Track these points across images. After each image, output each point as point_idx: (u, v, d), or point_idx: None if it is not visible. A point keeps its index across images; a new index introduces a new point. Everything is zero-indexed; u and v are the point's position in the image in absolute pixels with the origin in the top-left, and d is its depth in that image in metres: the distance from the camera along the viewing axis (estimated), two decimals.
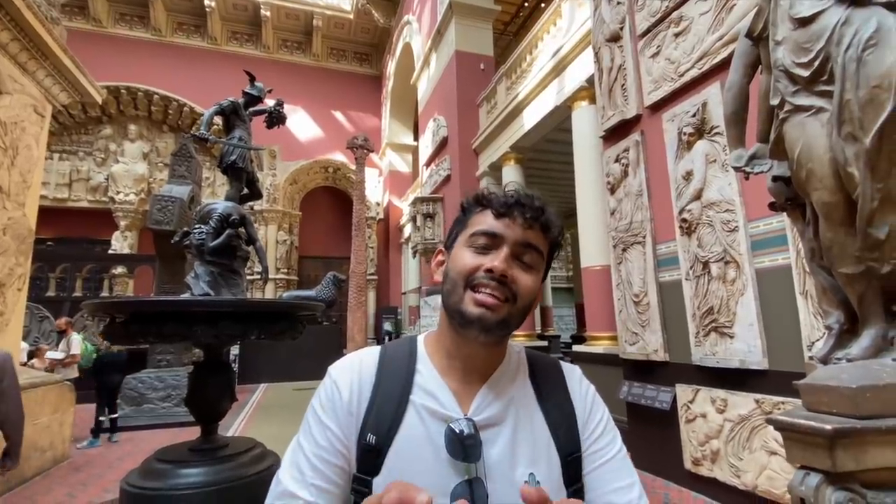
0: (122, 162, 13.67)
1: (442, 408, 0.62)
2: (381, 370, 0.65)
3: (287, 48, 16.79)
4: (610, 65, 4.58)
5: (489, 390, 0.65)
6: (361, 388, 0.64)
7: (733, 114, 1.59)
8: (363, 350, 0.70)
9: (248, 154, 3.41)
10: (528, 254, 0.65)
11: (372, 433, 0.60)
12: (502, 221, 0.64)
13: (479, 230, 0.65)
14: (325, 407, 0.63)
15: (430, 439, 0.60)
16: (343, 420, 0.62)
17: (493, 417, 0.63)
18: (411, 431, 0.61)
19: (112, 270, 9.98)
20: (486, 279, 0.62)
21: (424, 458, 0.59)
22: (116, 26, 14.67)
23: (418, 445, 0.60)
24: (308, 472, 0.59)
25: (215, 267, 3.00)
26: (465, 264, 0.64)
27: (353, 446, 0.61)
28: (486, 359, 0.67)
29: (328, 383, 0.66)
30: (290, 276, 14.13)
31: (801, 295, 2.78)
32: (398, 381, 0.64)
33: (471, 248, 0.65)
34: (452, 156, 9.75)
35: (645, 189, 4.10)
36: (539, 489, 0.42)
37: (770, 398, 2.93)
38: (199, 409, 2.82)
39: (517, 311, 0.64)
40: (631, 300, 4.20)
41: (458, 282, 0.64)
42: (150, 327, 2.47)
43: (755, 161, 1.55)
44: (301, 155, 15.24)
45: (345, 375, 0.65)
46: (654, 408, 3.84)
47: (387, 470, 0.59)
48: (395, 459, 0.59)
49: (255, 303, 2.66)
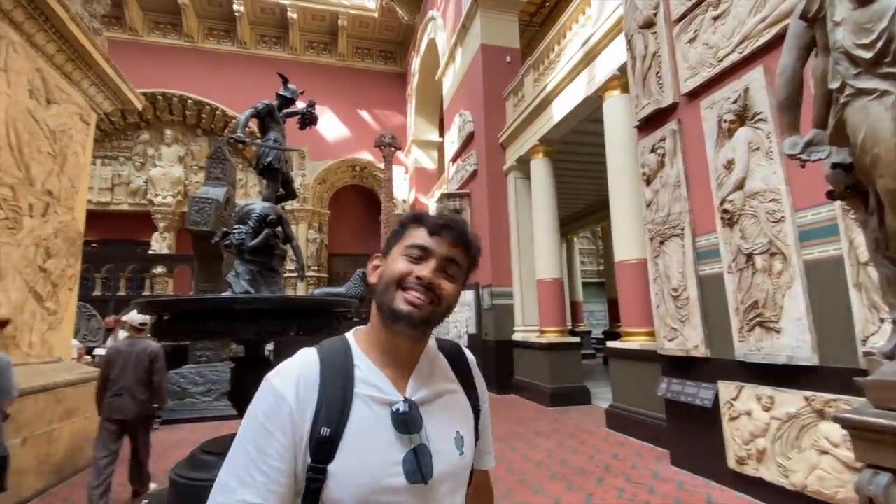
0: (160, 166, 14.18)
1: (383, 394, 0.73)
2: (322, 371, 0.73)
3: (313, 49, 17.02)
4: (644, 52, 4.45)
5: (419, 375, 0.78)
6: (307, 391, 0.70)
7: (786, 99, 1.52)
8: (298, 357, 0.76)
9: (283, 155, 3.48)
10: (451, 267, 0.77)
11: (325, 426, 0.68)
12: (434, 239, 0.76)
13: (414, 243, 0.77)
14: (268, 416, 0.68)
15: (379, 422, 0.70)
16: (287, 426, 0.67)
17: (428, 396, 0.77)
18: (360, 419, 0.70)
19: (153, 270, 10.41)
20: (415, 284, 0.74)
21: (376, 438, 0.69)
22: (151, 34, 15.20)
23: (369, 429, 0.70)
24: (259, 478, 0.64)
25: (254, 265, 3.08)
26: (399, 270, 0.75)
27: (301, 445, 0.67)
28: (413, 350, 0.79)
29: (269, 392, 0.70)
30: (320, 274, 14.38)
31: (855, 287, 2.64)
32: (340, 377, 0.72)
33: (405, 257, 0.76)
34: (479, 150, 9.69)
35: (683, 179, 3.97)
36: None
37: (821, 395, 2.80)
38: (240, 402, 2.90)
39: (440, 311, 0.76)
40: (669, 295, 4.08)
41: (392, 283, 0.75)
42: (195, 324, 2.55)
43: (812, 148, 1.47)
44: (329, 154, 15.46)
45: (287, 383, 0.70)
46: (694, 405, 3.74)
47: (342, 455, 0.67)
48: (349, 445, 0.67)
49: (294, 300, 2.72)
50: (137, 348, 3.50)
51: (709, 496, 3.39)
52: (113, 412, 3.37)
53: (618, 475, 3.91)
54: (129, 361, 3.42)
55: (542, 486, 3.71)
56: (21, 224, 4.06)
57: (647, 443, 4.79)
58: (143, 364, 3.44)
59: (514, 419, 6.35)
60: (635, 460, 4.32)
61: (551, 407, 6.97)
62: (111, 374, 3.40)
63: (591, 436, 5.29)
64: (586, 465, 4.19)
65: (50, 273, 4.49)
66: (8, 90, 3.89)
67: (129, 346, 3.52)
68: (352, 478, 0.66)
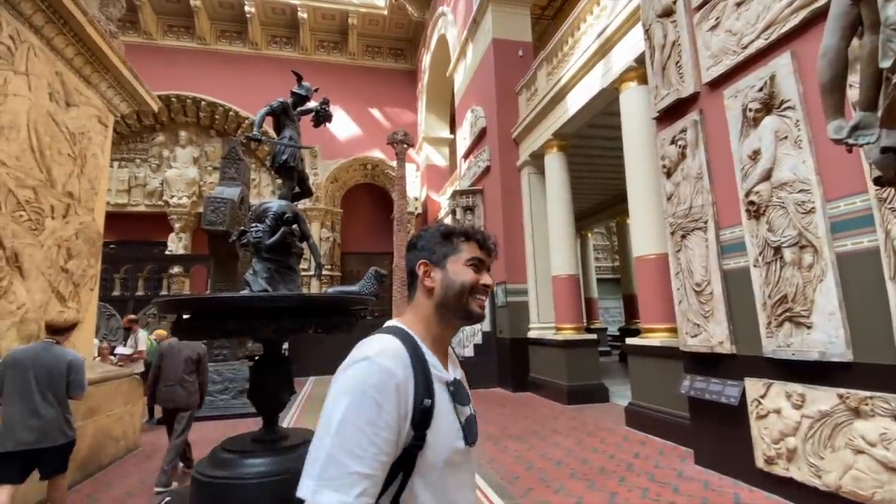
0: (175, 167, 14.36)
1: (442, 374, 0.88)
2: (409, 352, 0.83)
3: (324, 48, 17.08)
4: (663, 41, 4.34)
5: (452, 359, 0.97)
6: (406, 368, 0.79)
7: (830, 80, 1.44)
8: (384, 338, 0.85)
9: (299, 153, 3.46)
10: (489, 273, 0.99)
11: (426, 398, 0.79)
12: (483, 251, 0.95)
13: (474, 256, 0.93)
14: (379, 389, 0.74)
15: (444, 397, 0.85)
16: (396, 399, 0.75)
17: (461, 375, 0.96)
18: (440, 393, 0.84)
19: (170, 270, 10.54)
20: (482, 290, 0.92)
21: (448, 409, 0.85)
22: (165, 38, 15.39)
23: (444, 401, 0.84)
24: (370, 450, 0.71)
25: (272, 264, 3.07)
26: (468, 278, 0.91)
27: (407, 416, 0.76)
28: (450, 339, 0.98)
29: (377, 370, 0.76)
30: (333, 273, 14.45)
31: (892, 280, 2.53)
32: (420, 358, 0.84)
33: (470, 267, 0.92)
34: (492, 146, 9.61)
35: (705, 171, 3.87)
36: None
37: (856, 392, 2.69)
38: (260, 401, 2.90)
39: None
40: (692, 289, 3.99)
41: (465, 291, 0.91)
42: (214, 323, 2.55)
43: (859, 132, 1.39)
44: (340, 153, 15.51)
45: (394, 361, 0.79)
46: (719, 403, 3.64)
47: (435, 423, 0.79)
48: (438, 414, 0.81)
49: (313, 297, 2.70)
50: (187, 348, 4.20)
51: (737, 496, 3.30)
52: (165, 401, 4.11)
53: (640, 474, 3.83)
54: (178, 358, 4.14)
55: (564, 485, 3.65)
56: (43, 225, 4.11)
57: (670, 441, 4.69)
58: (192, 361, 4.20)
59: (531, 417, 6.29)
60: (658, 459, 4.23)
61: (569, 405, 6.89)
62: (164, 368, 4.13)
63: (610, 434, 5.21)
64: (607, 464, 4.12)
65: (71, 273, 4.55)
66: (29, 94, 3.94)
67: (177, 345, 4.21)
68: (440, 441, 0.80)
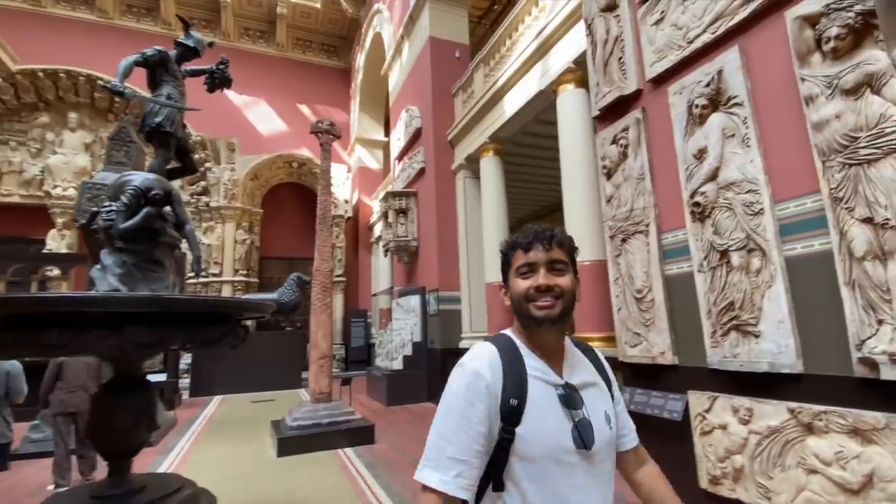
0: (61, 153, 12.42)
1: (547, 377, 0.97)
2: (503, 357, 0.96)
3: (249, 37, 15.86)
4: (605, 37, 4.14)
5: (569, 364, 1.02)
6: (495, 370, 0.93)
7: None
8: (482, 345, 1.00)
9: (179, 117, 2.75)
10: (557, 265, 0.98)
11: (513, 398, 0.91)
12: (531, 253, 0.98)
13: (520, 264, 0.99)
14: (470, 389, 0.91)
15: (547, 397, 0.94)
16: (485, 397, 0.90)
17: (581, 381, 1.00)
18: (536, 394, 0.93)
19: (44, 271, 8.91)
20: (536, 294, 0.96)
21: (550, 409, 0.93)
22: (57, 6, 13.41)
23: (543, 401, 0.93)
24: (464, 439, 0.88)
25: (129, 256, 2.34)
26: (521, 288, 0.98)
27: (496, 412, 0.90)
28: (556, 342, 1.02)
29: (468, 373, 0.94)
30: (249, 279, 13.19)
31: (847, 285, 2.36)
32: (517, 362, 0.96)
33: (520, 277, 0.99)
34: (427, 148, 9.20)
35: (647, 172, 3.67)
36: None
37: (809, 407, 2.50)
38: (104, 442, 2.15)
39: (567, 302, 0.97)
40: (632, 296, 3.75)
41: (522, 300, 0.97)
42: (23, 336, 1.79)
43: None
44: (263, 149, 14.32)
45: (482, 365, 0.94)
46: (661, 418, 3.39)
47: (525, 420, 0.90)
48: (530, 412, 0.91)
49: (176, 301, 2.02)
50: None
51: None
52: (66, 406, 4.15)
53: None
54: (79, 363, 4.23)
55: None
56: None
57: None
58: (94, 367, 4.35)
59: None
60: None
61: None
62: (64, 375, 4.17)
63: None
64: None
65: None
66: None
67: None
68: (536, 438, 0.90)
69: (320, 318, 5.98)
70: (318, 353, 5.89)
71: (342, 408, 5.91)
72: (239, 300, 2.37)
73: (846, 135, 2.38)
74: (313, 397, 5.86)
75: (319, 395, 5.85)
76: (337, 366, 13.67)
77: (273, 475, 4.57)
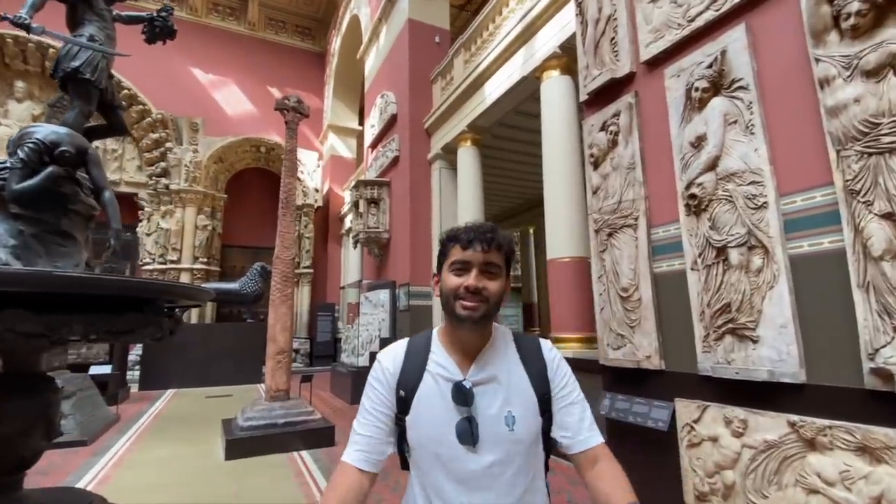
0: (5, 125, 11.36)
1: (448, 373, 1.02)
2: (408, 352, 1.07)
3: (218, 13, 15.00)
4: (597, 16, 3.86)
5: (479, 361, 1.04)
6: (397, 363, 1.06)
7: None
8: (396, 343, 1.11)
9: (104, 64, 2.29)
10: (491, 268, 1.00)
11: (402, 389, 1.02)
12: (469, 251, 0.99)
13: (455, 260, 1.01)
14: (375, 377, 1.06)
15: (441, 393, 1.00)
16: (385, 384, 1.04)
17: (484, 379, 1.02)
18: (428, 387, 1.01)
19: None
20: (465, 293, 0.98)
21: (436, 404, 1.00)
22: None
23: (434, 395, 1.01)
24: (368, 417, 1.03)
25: (28, 224, 1.88)
26: (451, 284, 1.00)
27: (392, 399, 1.03)
28: (475, 341, 1.05)
29: (376, 364, 1.08)
30: (210, 267, 12.46)
31: (861, 288, 2.13)
32: (419, 358, 1.05)
33: (453, 272, 1.01)
34: (402, 136, 8.78)
35: (639, 160, 3.40)
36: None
37: (812, 421, 2.27)
38: None
39: (492, 306, 1.00)
40: (617, 295, 3.48)
41: (450, 296, 1.01)
42: None
43: None
44: (229, 131, 13.56)
45: (388, 357, 1.07)
46: (645, 427, 3.13)
47: (413, 410, 1.00)
48: (418, 404, 1.00)
49: (80, 281, 1.59)
50: None
51: None
52: None
53: None
54: None
55: None
56: None
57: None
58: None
59: None
60: (570, 490, 3.66)
61: None
62: None
63: None
64: None
65: None
66: None
67: None
68: (420, 427, 0.99)
69: (279, 310, 5.51)
70: (275, 348, 5.42)
71: (300, 407, 5.47)
72: (161, 283, 1.96)
73: (866, 121, 2.15)
74: (268, 395, 5.40)
75: (276, 392, 5.40)
76: (301, 361, 13.10)
77: (217, 481, 4.11)
